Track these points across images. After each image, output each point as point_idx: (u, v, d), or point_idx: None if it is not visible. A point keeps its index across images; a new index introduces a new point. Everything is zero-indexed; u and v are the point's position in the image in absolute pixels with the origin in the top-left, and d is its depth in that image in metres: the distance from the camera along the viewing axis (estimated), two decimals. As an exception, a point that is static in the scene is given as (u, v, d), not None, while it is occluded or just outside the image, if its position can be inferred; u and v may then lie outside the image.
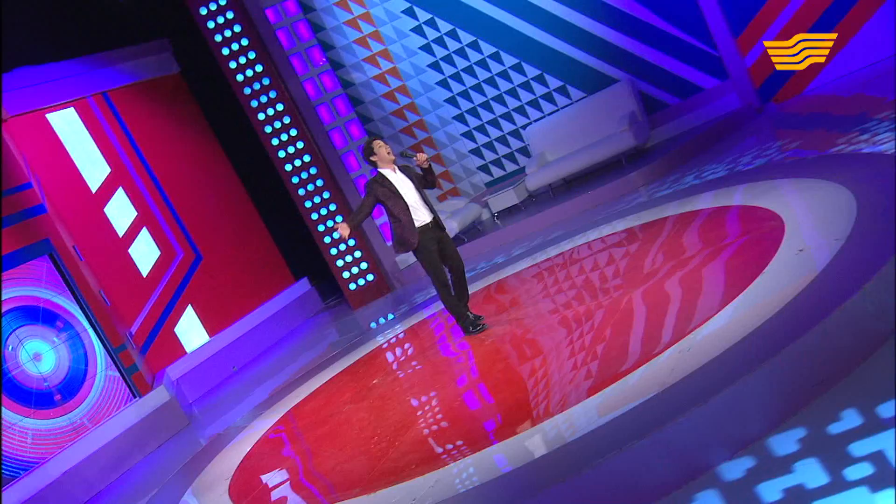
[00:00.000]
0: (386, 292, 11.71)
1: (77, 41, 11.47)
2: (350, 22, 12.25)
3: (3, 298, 8.41)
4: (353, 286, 11.68)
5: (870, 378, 3.43)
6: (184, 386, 10.77)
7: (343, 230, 6.22)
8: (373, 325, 10.26)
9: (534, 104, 12.11)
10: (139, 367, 9.43)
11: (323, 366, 8.67)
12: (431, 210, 6.48)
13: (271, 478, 5.77)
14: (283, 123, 11.45)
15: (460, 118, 12.58)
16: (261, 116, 11.40)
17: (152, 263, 11.28)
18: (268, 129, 11.41)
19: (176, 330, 11.15)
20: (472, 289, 7.34)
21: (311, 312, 12.78)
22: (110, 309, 10.02)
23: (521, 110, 12.27)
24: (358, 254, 11.64)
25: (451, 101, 12.52)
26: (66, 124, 10.99)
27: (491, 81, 12.23)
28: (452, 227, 11.38)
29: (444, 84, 12.40)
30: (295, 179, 11.52)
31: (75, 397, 8.85)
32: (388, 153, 6.38)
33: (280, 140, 11.45)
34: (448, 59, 12.27)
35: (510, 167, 12.62)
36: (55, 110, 10.89)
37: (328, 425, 6.29)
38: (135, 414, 9.11)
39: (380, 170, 6.40)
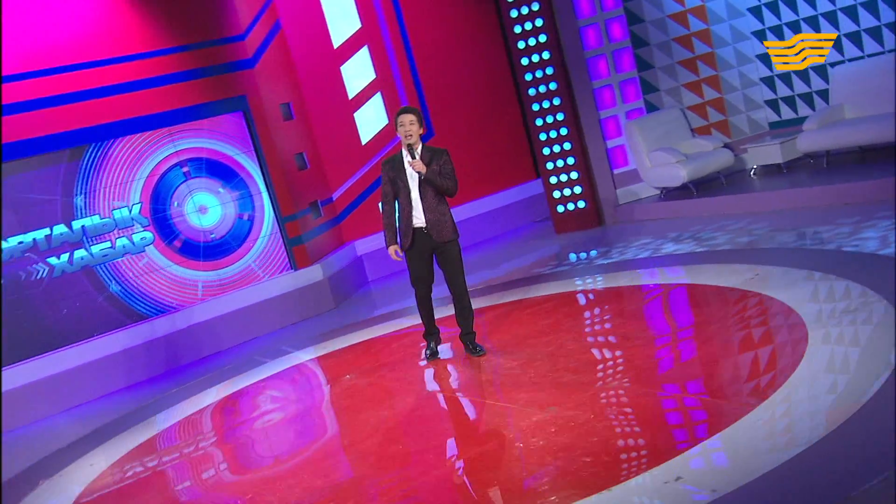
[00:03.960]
0: (594, 225, 10.15)
1: None
2: None
3: (185, 147, 9.01)
4: (560, 208, 10.33)
5: None
6: (367, 264, 10.86)
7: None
8: (572, 256, 9.16)
9: (854, 38, 9.12)
10: (303, 241, 9.59)
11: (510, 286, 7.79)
12: (433, 212, 5.43)
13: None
14: (530, 10, 9.82)
15: (759, 34, 9.99)
16: (510, -2, 10.14)
17: (376, 132, 10.88)
18: (513, 13, 10.18)
19: (380, 205, 11.05)
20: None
21: (538, 217, 11.64)
22: (308, 172, 10.23)
23: (837, 43, 9.39)
24: (574, 174, 10.24)
25: (755, 12, 9.97)
26: None
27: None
28: (679, 174, 9.41)
29: (755, 11, 9.75)
30: (528, 76, 10.02)
31: (230, 256, 9.18)
32: (405, 135, 5.30)
33: (523, 28, 10.14)
34: None
35: (804, 111, 9.84)
36: (319, -47, 10.80)
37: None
38: (285, 285, 9.25)
39: (402, 148, 5.44)
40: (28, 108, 7.88)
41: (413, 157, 5.39)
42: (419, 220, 5.47)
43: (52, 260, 8.05)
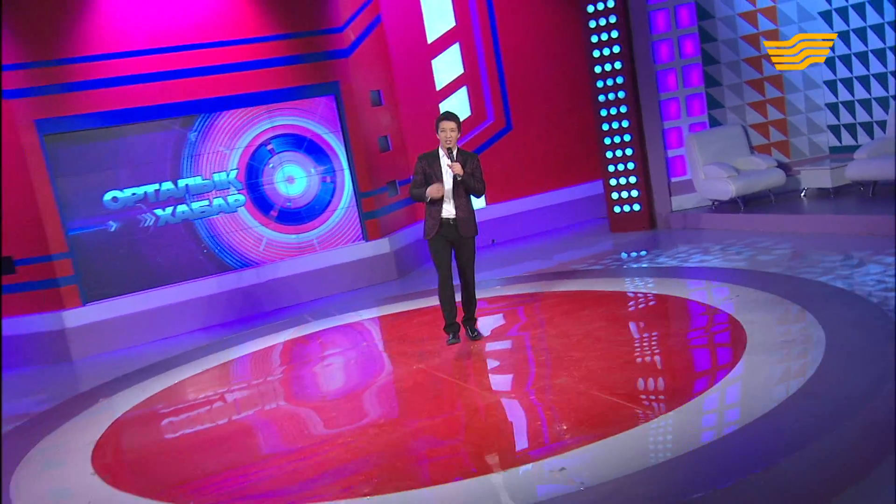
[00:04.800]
0: (646, 228, 10.55)
1: None
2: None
3: (281, 123, 9.95)
4: (617, 209, 10.77)
5: None
6: (434, 241, 11.57)
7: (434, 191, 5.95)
8: (623, 255, 9.64)
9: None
10: (377, 216, 10.33)
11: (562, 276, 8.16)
12: (461, 209, 5.93)
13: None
14: (608, 22, 10.32)
15: (829, 62, 10.06)
16: (590, 9, 10.57)
17: (457, 122, 11.78)
18: (591, 24, 10.63)
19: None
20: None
21: (597, 214, 11.96)
22: (390, 154, 11.02)
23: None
24: (633, 179, 10.63)
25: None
26: None
27: (879, 29, 9.39)
28: (728, 189, 9.66)
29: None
30: (599, 83, 10.47)
31: (311, 223, 10.12)
32: (447, 140, 5.79)
33: (599, 38, 10.59)
34: (843, 12, 9.67)
35: (864, 139, 9.87)
36: (422, -41, 11.52)
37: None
38: (356, 254, 10.12)
39: (439, 147, 5.93)
40: (150, 79, 8.99)
41: (452, 160, 5.88)
42: (449, 213, 5.95)
43: (158, 211, 9.20)
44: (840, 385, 3.90)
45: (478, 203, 11.57)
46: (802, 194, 9.76)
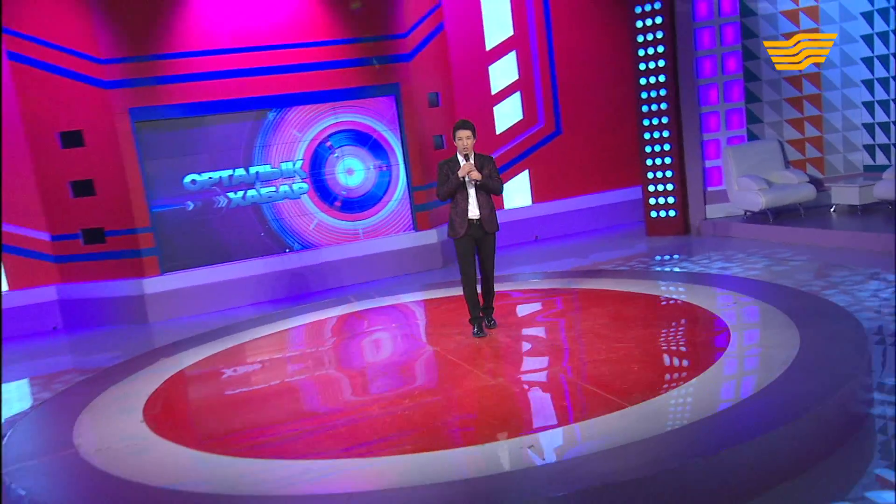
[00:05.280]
0: (680, 233, 10.99)
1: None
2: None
3: (344, 120, 10.70)
4: (653, 214, 11.21)
5: None
6: (481, 234, 12.21)
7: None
8: (657, 257, 10.12)
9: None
10: (427, 208, 10.97)
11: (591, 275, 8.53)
12: (486, 208, 6.30)
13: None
14: (655, 37, 10.82)
15: (868, 83, 10.27)
16: (638, 24, 11.02)
17: (510, 124, 12.18)
18: (639, 39, 11.07)
19: (504, 185, 12.35)
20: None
21: (635, 218, 12.42)
22: (444, 151, 11.63)
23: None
24: (670, 186, 11.04)
25: (867, 62, 10.23)
26: None
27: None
28: (758, 201, 10.01)
29: (868, 62, 10.09)
30: (644, 94, 10.98)
31: (365, 212, 10.89)
32: (463, 147, 6.17)
33: (646, 52, 11.02)
34: (885, 37, 9.89)
35: (898, 159, 10.13)
36: (485, -29, 12.13)
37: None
38: (405, 242, 10.87)
39: (457, 153, 6.28)
40: (230, 76, 9.86)
41: (471, 167, 6.17)
42: (474, 213, 6.31)
43: (231, 194, 10.08)
44: (797, 388, 4.28)
45: (524, 202, 12.29)
46: (832, 210, 10.04)
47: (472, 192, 6.30)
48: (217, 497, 3.83)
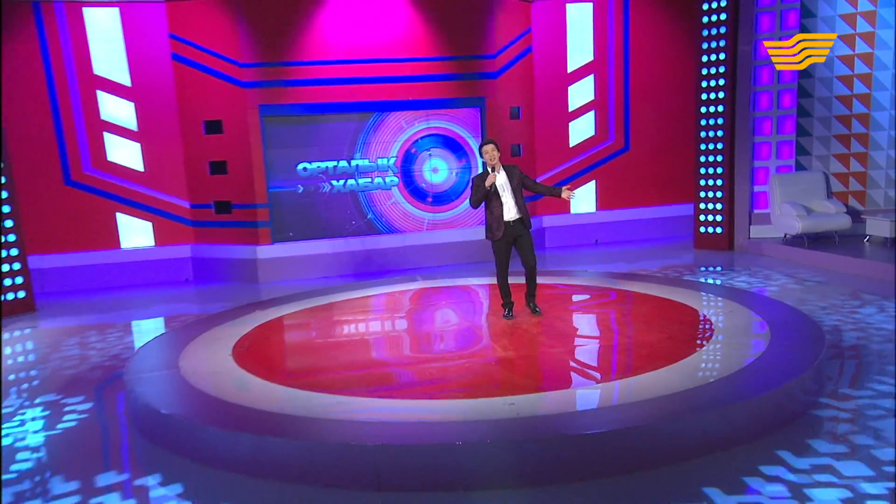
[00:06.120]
0: (724, 248, 11.79)
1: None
2: (849, -8, 10.97)
3: (434, 126, 12.08)
4: (702, 229, 12.06)
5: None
6: (548, 235, 13.35)
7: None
8: (702, 268, 11.04)
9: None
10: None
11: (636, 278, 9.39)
12: (521, 210, 7.06)
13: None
14: (717, 71, 11.63)
15: (912, 126, 10.77)
16: (704, 59, 11.87)
17: (582, 139, 13.26)
18: (704, 72, 11.90)
19: (574, 191, 13.42)
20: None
21: (684, 232, 13.33)
22: (520, 158, 12.83)
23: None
24: (720, 206, 11.86)
25: (915, 104, 10.72)
26: (579, 15, 13.02)
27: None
28: (795, 226, 10.72)
29: None
30: (703, 122, 11.78)
31: (444, 206, 12.26)
32: (490, 159, 6.97)
33: (709, 84, 11.84)
34: None
35: (936, 197, 10.59)
36: (576, 1, 13.14)
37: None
38: (468, 235, 12.20)
39: (488, 167, 7.04)
40: (341, 83, 11.43)
41: (497, 174, 7.07)
42: (510, 215, 7.13)
43: (334, 182, 11.69)
44: (746, 381, 5.15)
45: (589, 208, 13.35)
46: (866, 240, 10.65)
47: (506, 198, 7.07)
48: (273, 414, 4.95)
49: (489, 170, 7.07)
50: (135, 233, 11.92)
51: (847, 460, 4.33)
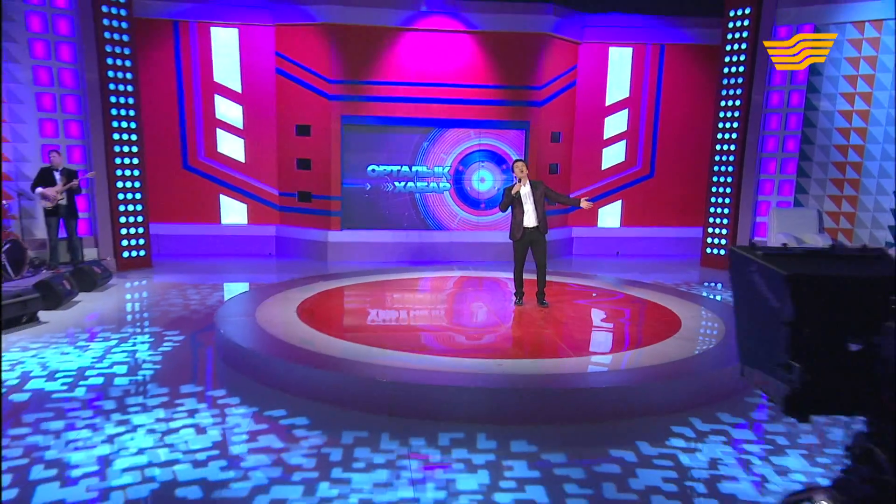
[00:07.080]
0: (726, 268, 12.34)
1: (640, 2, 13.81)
2: (854, 41, 11.46)
3: (484, 143, 13.04)
4: (709, 250, 12.71)
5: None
6: (575, 243, 14.17)
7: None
8: (706, 283, 11.68)
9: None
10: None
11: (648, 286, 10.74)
12: (540, 219, 8.01)
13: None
14: (733, 115, 12.28)
15: (901, 177, 11.18)
16: (722, 104, 12.47)
17: (612, 164, 14.12)
18: (721, 115, 12.49)
19: (600, 210, 14.23)
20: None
21: (694, 252, 13.84)
22: (557, 176, 13.68)
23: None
24: (724, 231, 12.45)
25: (904, 161, 11.14)
26: (620, 58, 13.87)
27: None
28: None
29: None
30: (717, 157, 12.44)
31: (490, 210, 13.26)
32: (519, 172, 7.95)
33: (724, 126, 12.42)
34: None
35: (913, 242, 10.98)
36: (618, 46, 13.95)
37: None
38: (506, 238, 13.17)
39: (516, 180, 8.05)
40: (410, 101, 12.58)
41: (523, 186, 8.07)
42: (529, 222, 8.15)
43: (397, 183, 12.87)
44: (700, 367, 6.18)
45: (614, 223, 14.09)
46: (845, 271, 11.13)
47: (527, 207, 8.04)
48: (320, 354, 6.17)
49: (517, 182, 8.03)
50: (233, 212, 13.32)
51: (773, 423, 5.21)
